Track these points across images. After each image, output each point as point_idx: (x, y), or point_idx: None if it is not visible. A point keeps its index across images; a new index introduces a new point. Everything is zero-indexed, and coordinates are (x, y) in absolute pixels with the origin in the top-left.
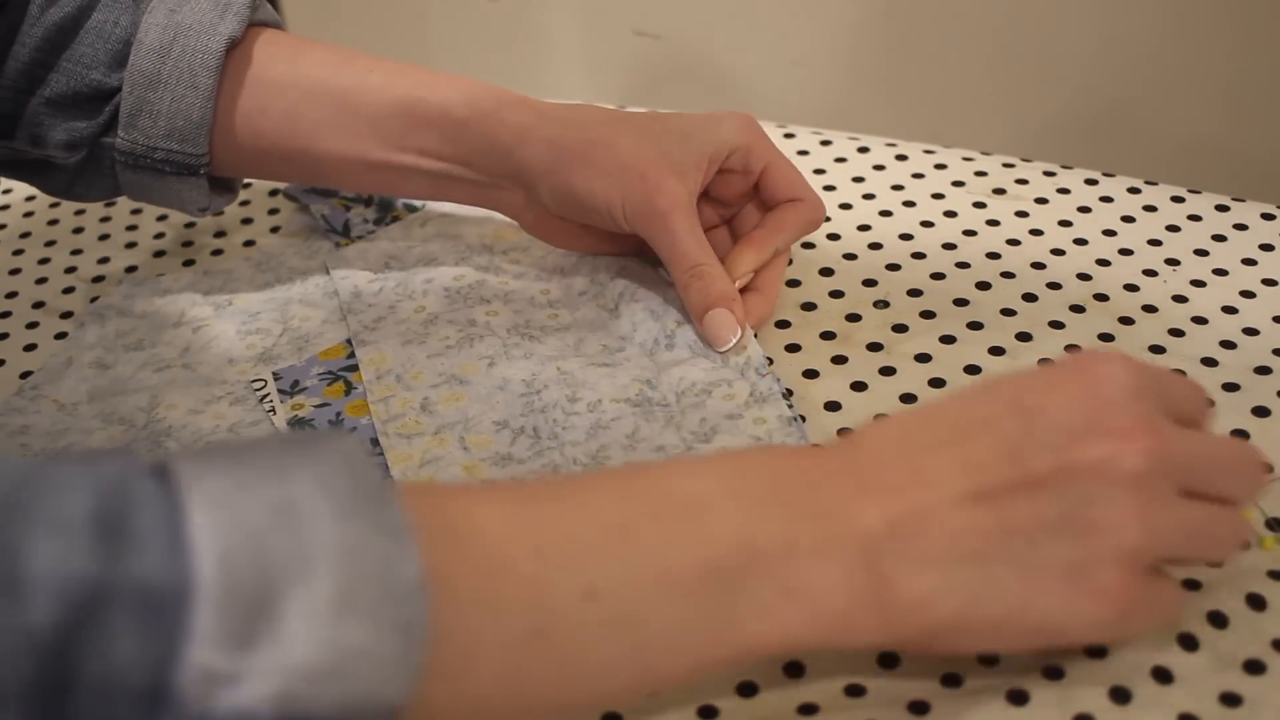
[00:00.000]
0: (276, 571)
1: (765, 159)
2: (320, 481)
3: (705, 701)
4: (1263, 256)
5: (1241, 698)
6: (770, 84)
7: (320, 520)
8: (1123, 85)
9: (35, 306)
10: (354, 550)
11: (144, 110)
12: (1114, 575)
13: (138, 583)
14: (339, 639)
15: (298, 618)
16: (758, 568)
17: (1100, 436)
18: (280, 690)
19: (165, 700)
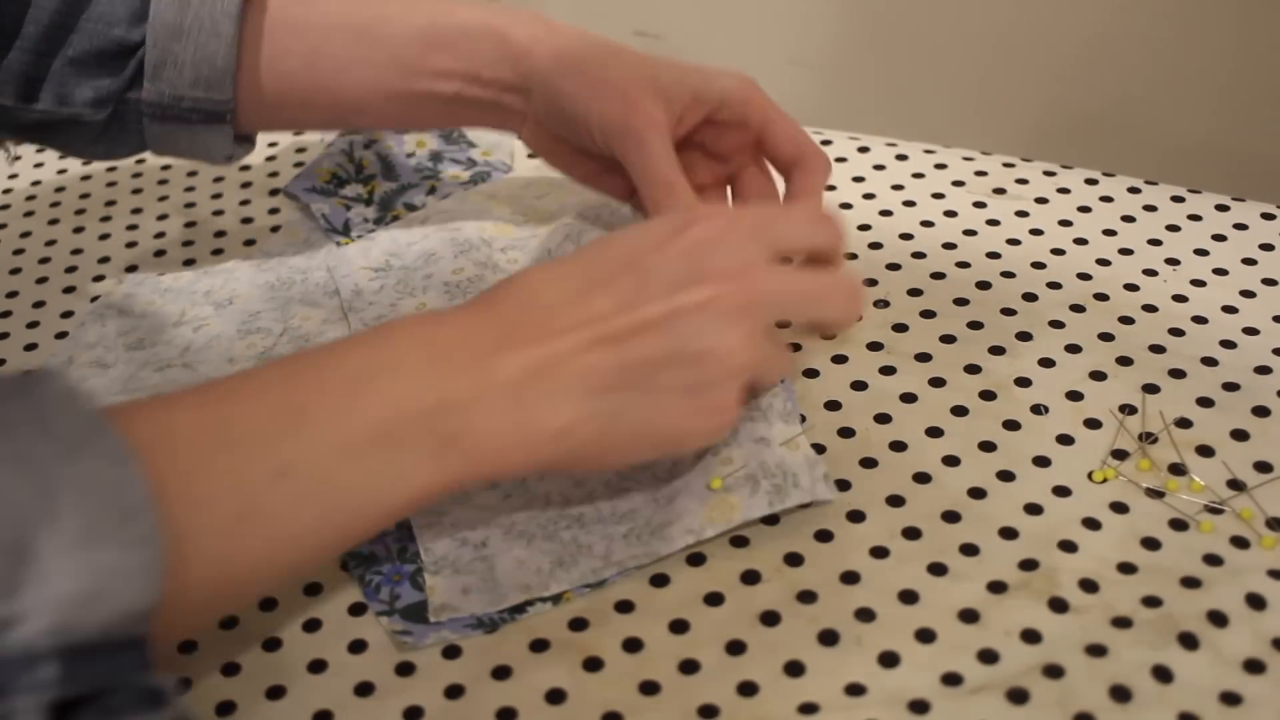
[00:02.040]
0: (25, 517)
1: (764, 115)
2: (42, 426)
3: (705, 701)
4: (1263, 256)
5: (1241, 697)
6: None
7: (52, 461)
8: (1123, 85)
9: (36, 306)
10: (87, 482)
11: (168, 61)
12: (722, 394)
13: None
14: (93, 564)
15: (53, 555)
16: (416, 426)
17: (702, 282)
18: (53, 623)
19: None
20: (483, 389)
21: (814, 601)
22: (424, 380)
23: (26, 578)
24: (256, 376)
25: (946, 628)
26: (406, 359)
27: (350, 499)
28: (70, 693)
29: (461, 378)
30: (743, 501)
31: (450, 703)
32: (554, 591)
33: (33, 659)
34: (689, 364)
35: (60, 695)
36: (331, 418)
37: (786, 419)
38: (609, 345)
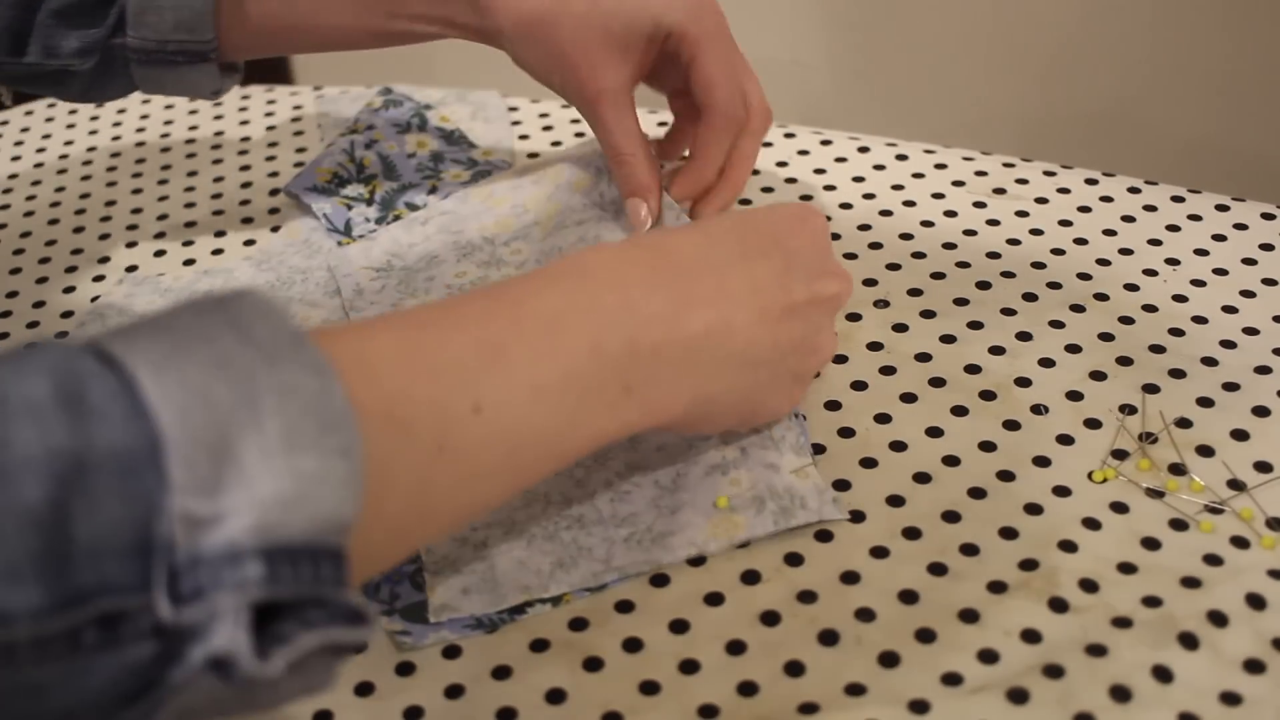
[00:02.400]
0: (228, 420)
1: (694, 51)
2: (242, 334)
3: (705, 701)
4: (1263, 256)
5: (1241, 697)
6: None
7: (254, 368)
8: (1123, 85)
9: (36, 306)
10: (288, 390)
11: (149, 7)
12: (805, 386)
13: (109, 449)
14: (295, 469)
15: (256, 457)
16: (605, 370)
17: (830, 275)
18: (257, 522)
19: (154, 550)
20: (668, 341)
21: (814, 601)
22: (616, 324)
23: (229, 478)
24: (454, 308)
25: (946, 628)
26: (599, 302)
27: (535, 439)
28: (273, 595)
29: (651, 328)
30: (748, 520)
31: (450, 703)
32: (554, 593)
33: (236, 556)
34: (810, 352)
35: (263, 596)
36: (529, 357)
37: (798, 451)
38: (768, 322)
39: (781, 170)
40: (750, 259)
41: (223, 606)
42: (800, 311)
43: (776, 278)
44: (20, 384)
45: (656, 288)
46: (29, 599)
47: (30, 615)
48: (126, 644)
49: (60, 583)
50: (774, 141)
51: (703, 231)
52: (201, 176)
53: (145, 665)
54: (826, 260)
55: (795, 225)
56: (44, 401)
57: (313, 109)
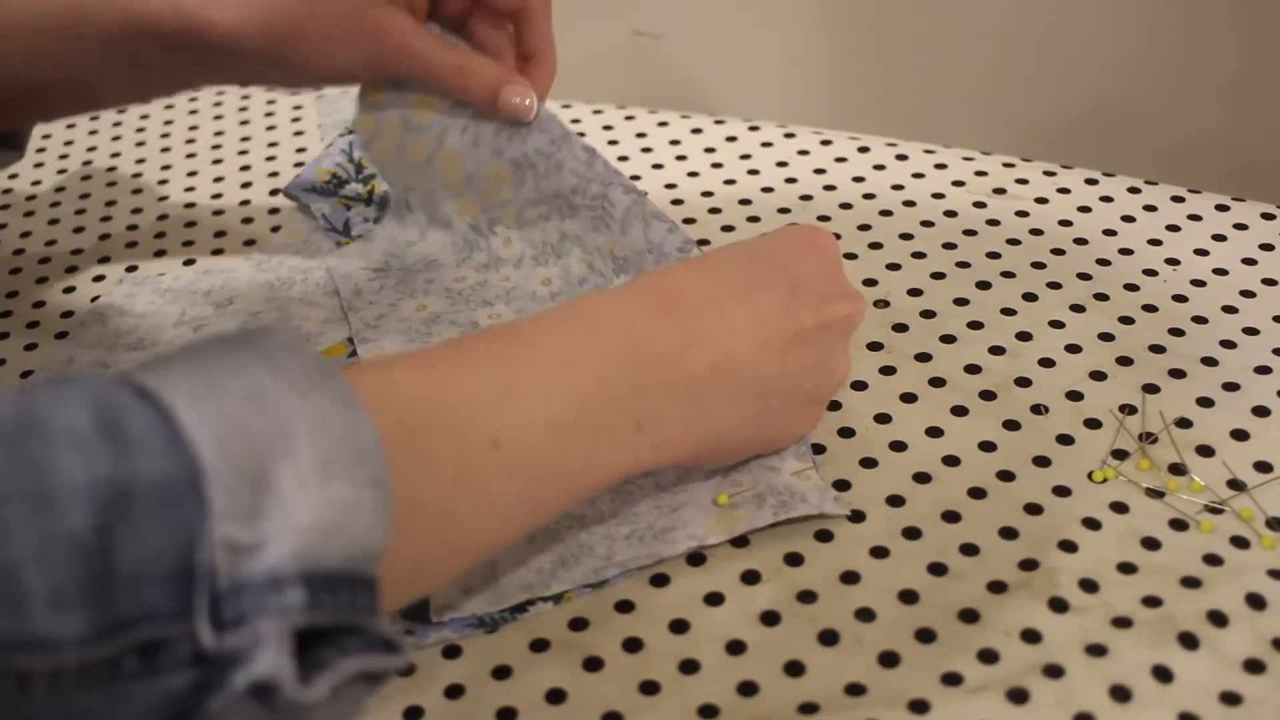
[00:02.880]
0: (264, 450)
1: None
2: (273, 368)
3: (705, 701)
4: (1263, 256)
5: (1241, 697)
6: (770, 84)
7: (286, 400)
8: (1123, 85)
9: (36, 306)
10: (321, 423)
11: None
12: (821, 410)
13: (149, 478)
14: (330, 498)
15: (292, 486)
16: (615, 408)
17: (838, 297)
18: (297, 549)
19: (196, 578)
20: (674, 381)
21: (814, 601)
22: (623, 367)
23: (268, 506)
24: (468, 348)
25: (946, 628)
26: (605, 343)
27: (552, 475)
28: (314, 621)
29: (656, 367)
30: (748, 515)
31: (450, 703)
32: (555, 591)
33: (279, 582)
34: (820, 377)
35: (305, 622)
36: (541, 394)
37: (799, 458)
38: (775, 352)
39: (781, 170)
40: (754, 290)
41: (266, 632)
42: (809, 338)
43: (782, 307)
44: (62, 414)
45: (659, 330)
46: (76, 626)
47: (77, 642)
48: (165, 672)
49: (104, 610)
50: (774, 141)
51: (705, 267)
52: (201, 176)
53: (183, 694)
54: (835, 282)
55: (801, 249)
56: (86, 431)
57: (313, 109)
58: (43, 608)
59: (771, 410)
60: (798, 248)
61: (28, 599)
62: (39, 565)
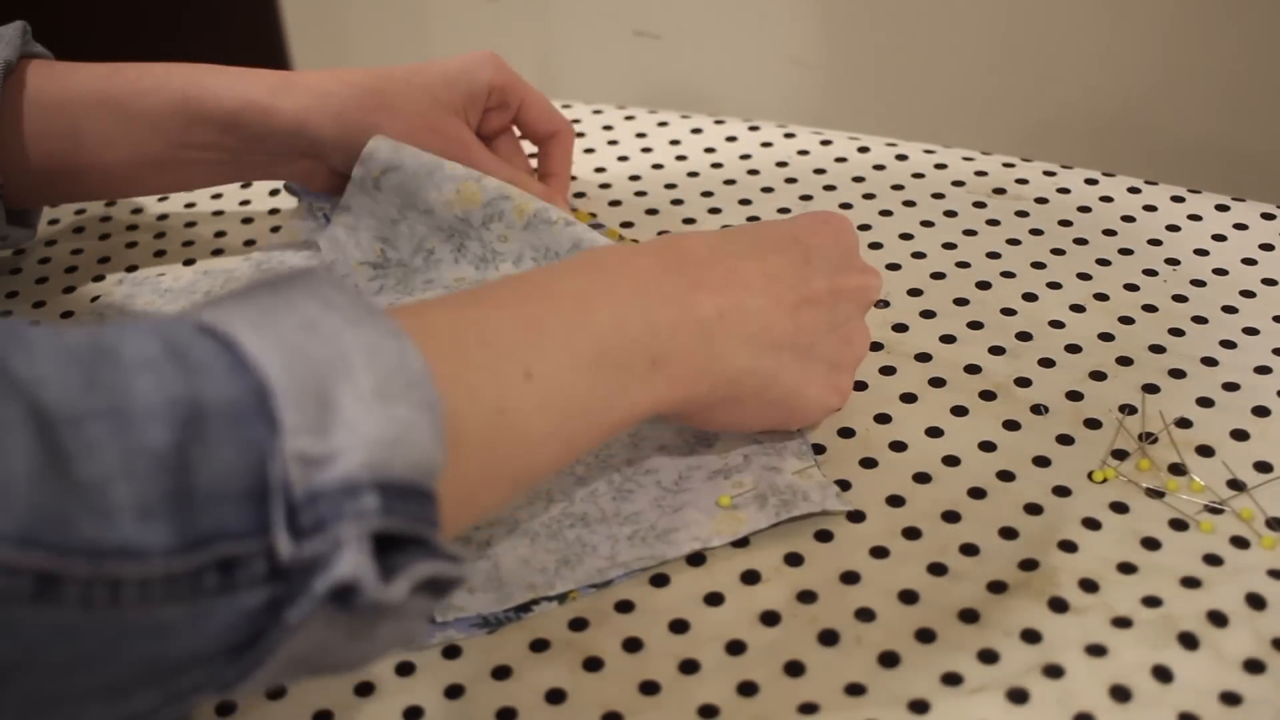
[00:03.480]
0: (325, 373)
1: (519, 95)
2: (324, 302)
3: (705, 701)
4: (1263, 256)
5: (1241, 697)
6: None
7: (339, 330)
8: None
9: (36, 306)
10: (373, 350)
11: None
12: (849, 378)
13: (219, 400)
14: (391, 416)
15: (355, 405)
16: (633, 346)
17: (853, 271)
18: (368, 458)
19: (270, 494)
20: (682, 320)
21: (814, 601)
22: (635, 306)
23: (334, 422)
24: (490, 291)
25: (946, 628)
26: (617, 286)
27: (581, 408)
28: (388, 527)
29: (666, 308)
30: (750, 516)
31: (450, 703)
32: (559, 591)
33: (354, 489)
34: (839, 343)
35: (381, 527)
36: (564, 332)
37: (800, 457)
38: (785, 308)
39: (781, 170)
40: (764, 253)
41: (346, 535)
42: (821, 300)
43: (793, 269)
44: (133, 342)
45: (666, 277)
46: (163, 537)
47: (164, 552)
48: (241, 589)
49: (187, 524)
50: (774, 141)
51: (716, 233)
52: None
53: (259, 611)
54: (850, 257)
55: (816, 225)
56: (157, 356)
57: None
58: (131, 519)
59: (786, 365)
60: (812, 223)
61: (117, 510)
62: (125, 479)
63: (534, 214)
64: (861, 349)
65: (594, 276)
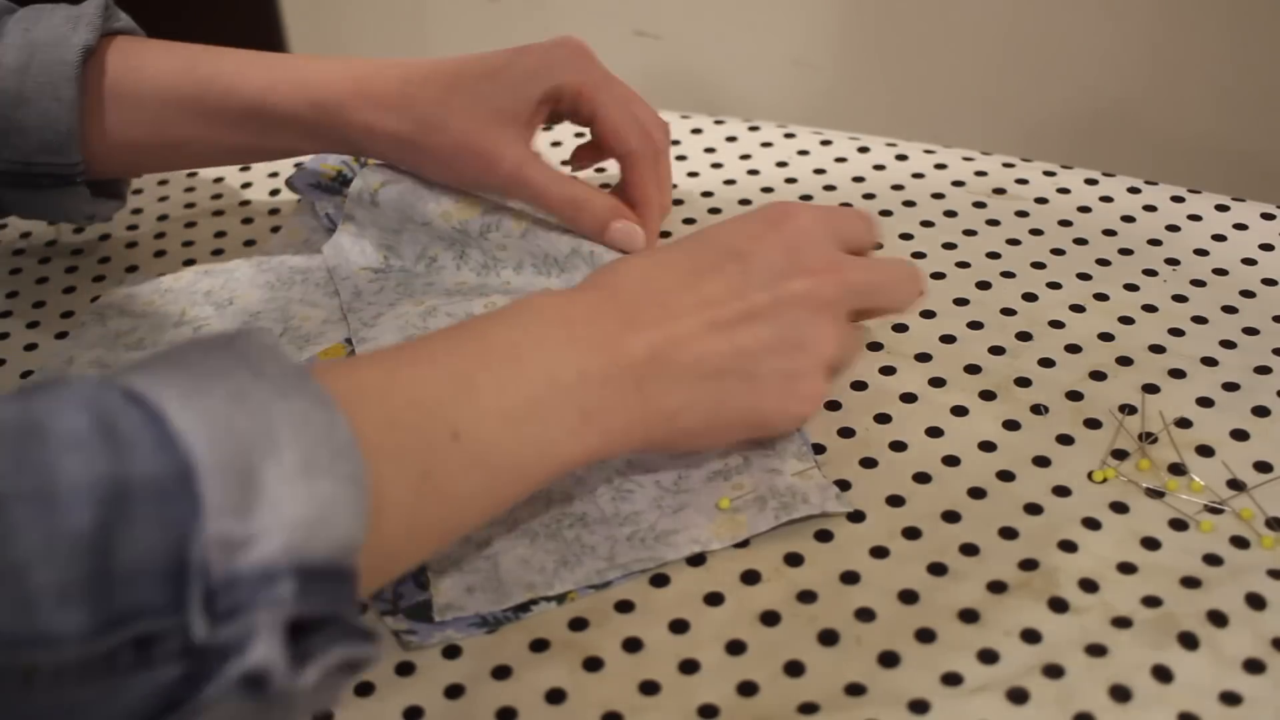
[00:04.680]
0: (251, 448)
1: (592, 106)
2: (253, 370)
3: (705, 701)
4: (1262, 256)
5: (1241, 696)
6: (770, 84)
7: (268, 401)
8: (1123, 85)
9: (36, 306)
10: (302, 421)
11: (13, 129)
12: (814, 381)
13: (145, 476)
14: (314, 494)
15: (278, 482)
16: (563, 397)
17: (801, 274)
18: (287, 542)
19: (190, 573)
20: (612, 367)
21: (814, 601)
22: (566, 356)
23: (257, 502)
24: (426, 344)
25: (946, 628)
26: (549, 336)
27: (509, 464)
28: (304, 611)
29: (596, 355)
30: (750, 519)
31: (450, 703)
32: (558, 591)
33: (271, 576)
34: (790, 351)
35: (296, 613)
36: (495, 386)
37: (800, 459)
38: (721, 330)
39: (781, 170)
40: (700, 275)
41: (260, 623)
42: (761, 314)
43: (729, 288)
44: (61, 416)
45: (597, 320)
46: (79, 622)
47: (78, 638)
48: (158, 664)
49: (104, 606)
50: (774, 141)
51: (653, 258)
52: (201, 176)
53: (174, 686)
54: (798, 257)
55: (759, 230)
56: (84, 433)
57: None
58: (50, 605)
59: (730, 390)
60: (756, 228)
61: (36, 597)
62: (46, 564)
63: (531, 222)
64: (823, 348)
65: (529, 325)
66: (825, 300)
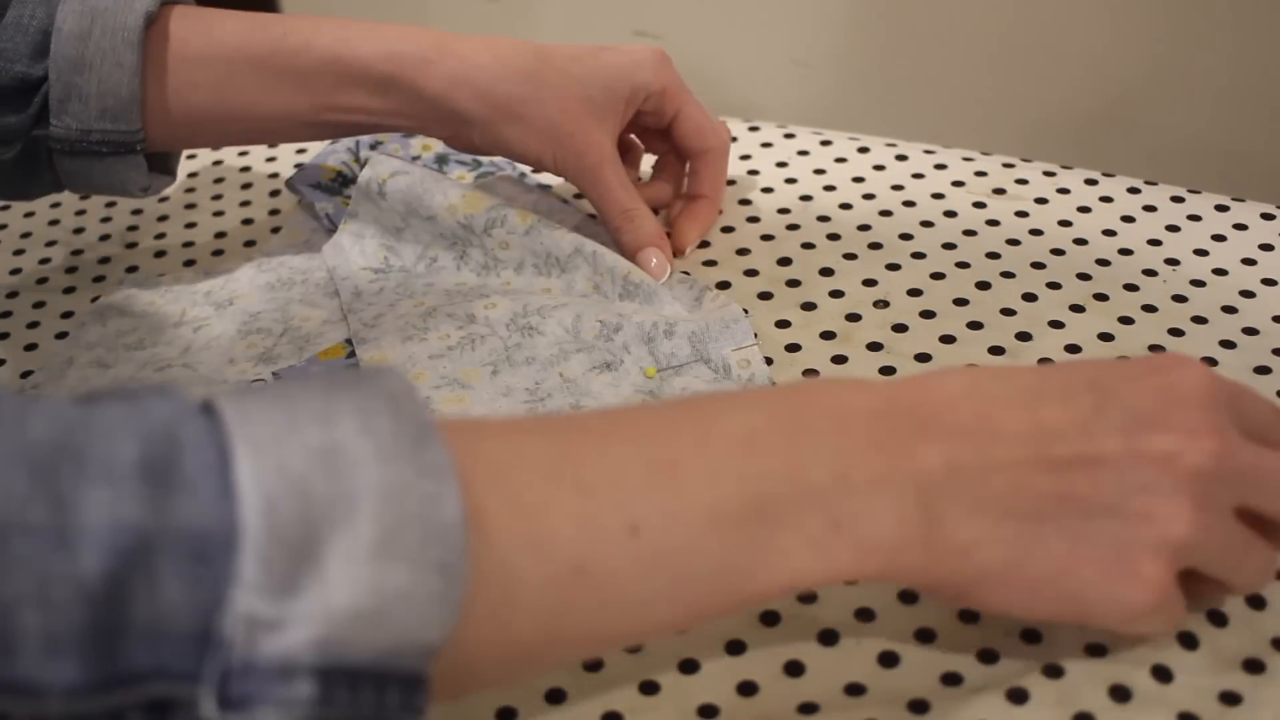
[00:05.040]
0: (319, 516)
1: (676, 104)
2: (364, 423)
3: (705, 701)
4: (1262, 256)
5: (1241, 696)
6: (770, 84)
7: (363, 463)
8: (1123, 85)
9: (36, 306)
10: (395, 493)
11: (73, 95)
12: (1155, 566)
13: (185, 529)
14: (381, 582)
15: (339, 562)
16: (807, 500)
17: (1169, 430)
18: (322, 635)
19: (211, 645)
20: (894, 474)
21: (814, 601)
22: (828, 450)
23: (306, 581)
24: (628, 421)
25: (946, 628)
26: (810, 423)
27: (707, 573)
28: (324, 717)
29: (872, 456)
30: None
31: (450, 703)
32: None
33: (289, 671)
34: (1128, 519)
35: (312, 718)
36: (707, 478)
37: None
38: (1052, 468)
39: (781, 170)
40: (1042, 399)
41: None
42: (1110, 462)
43: (1075, 421)
44: (108, 442)
45: (887, 415)
46: (68, 675)
47: (65, 692)
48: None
49: (106, 661)
50: (774, 142)
51: (987, 371)
52: (201, 177)
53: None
54: (1173, 411)
55: (1136, 371)
56: (126, 467)
57: None
58: (33, 651)
59: (1046, 541)
60: (1133, 369)
61: (18, 640)
62: (36, 607)
63: (537, 219)
64: (1174, 528)
65: (777, 410)
66: (1192, 468)
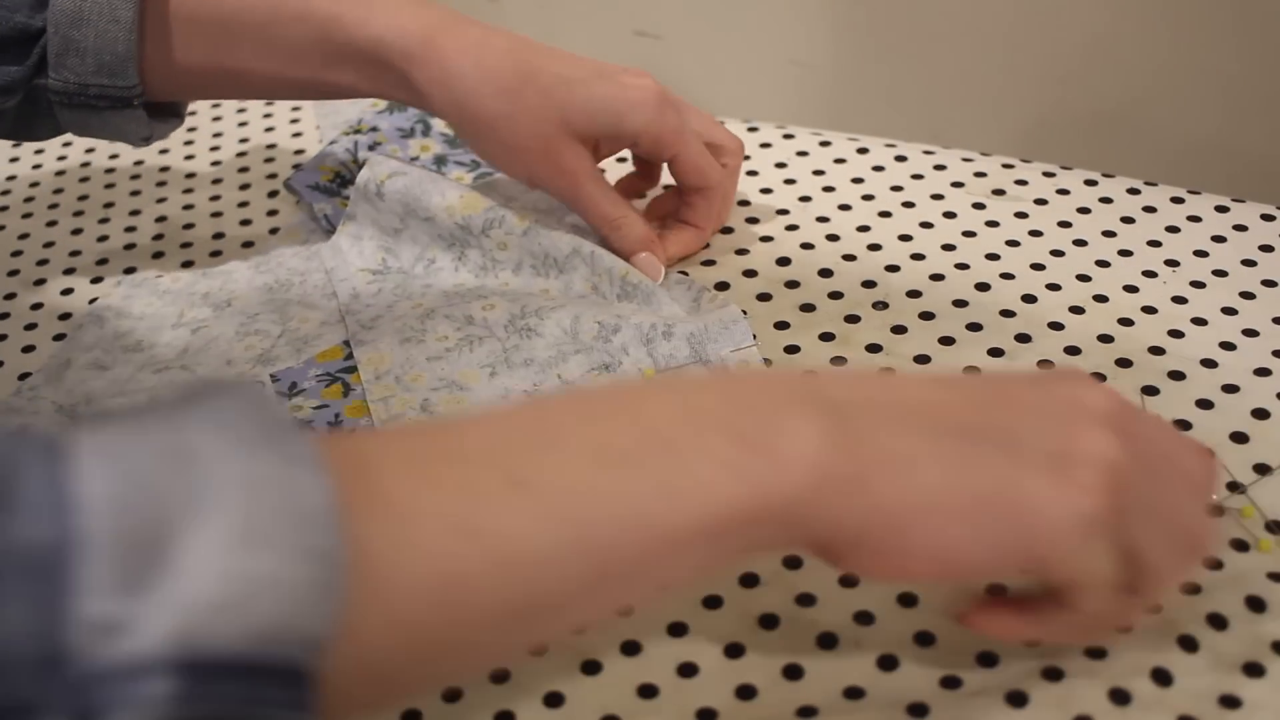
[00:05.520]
0: (170, 514)
1: (673, 150)
2: (217, 423)
3: (704, 704)
4: (1262, 258)
5: (1240, 699)
6: (770, 84)
7: (218, 458)
8: (1123, 85)
9: (34, 308)
10: (256, 483)
11: (70, 49)
12: (1094, 475)
13: (22, 549)
14: (241, 570)
15: (195, 555)
16: (706, 425)
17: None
18: (178, 627)
19: (59, 662)
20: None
21: (813, 604)
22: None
23: (158, 576)
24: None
25: (945, 630)
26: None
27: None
28: (190, 715)
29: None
30: None
31: (449, 705)
32: None
33: (138, 670)
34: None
35: (175, 717)
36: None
37: None
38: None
39: (780, 171)
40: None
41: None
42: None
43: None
44: None
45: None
46: None
47: None
48: None
49: None
50: (773, 142)
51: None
52: (199, 178)
53: None
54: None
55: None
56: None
57: (311, 110)
58: None
59: (985, 455)
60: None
61: None
62: None
63: (535, 220)
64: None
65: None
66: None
